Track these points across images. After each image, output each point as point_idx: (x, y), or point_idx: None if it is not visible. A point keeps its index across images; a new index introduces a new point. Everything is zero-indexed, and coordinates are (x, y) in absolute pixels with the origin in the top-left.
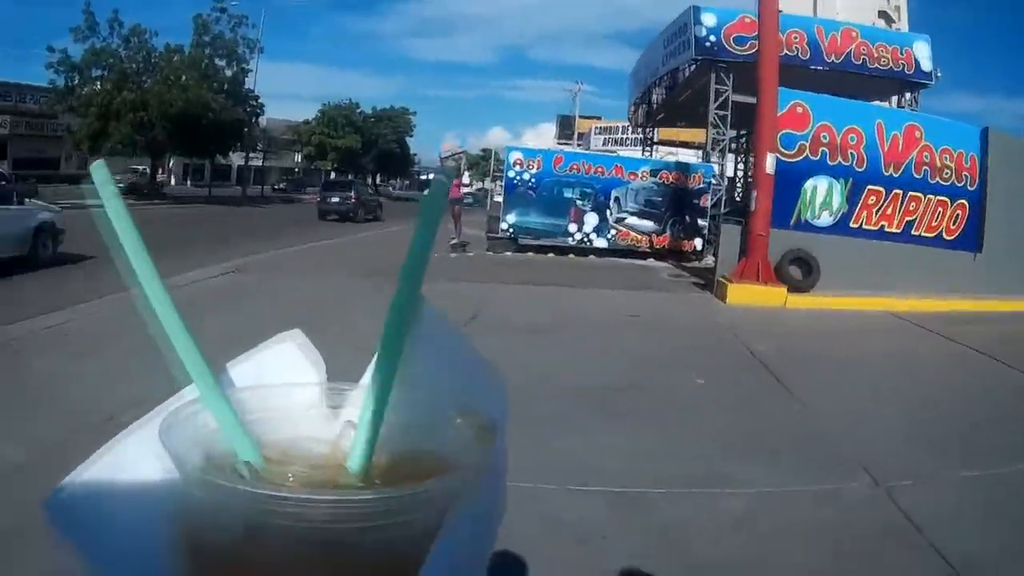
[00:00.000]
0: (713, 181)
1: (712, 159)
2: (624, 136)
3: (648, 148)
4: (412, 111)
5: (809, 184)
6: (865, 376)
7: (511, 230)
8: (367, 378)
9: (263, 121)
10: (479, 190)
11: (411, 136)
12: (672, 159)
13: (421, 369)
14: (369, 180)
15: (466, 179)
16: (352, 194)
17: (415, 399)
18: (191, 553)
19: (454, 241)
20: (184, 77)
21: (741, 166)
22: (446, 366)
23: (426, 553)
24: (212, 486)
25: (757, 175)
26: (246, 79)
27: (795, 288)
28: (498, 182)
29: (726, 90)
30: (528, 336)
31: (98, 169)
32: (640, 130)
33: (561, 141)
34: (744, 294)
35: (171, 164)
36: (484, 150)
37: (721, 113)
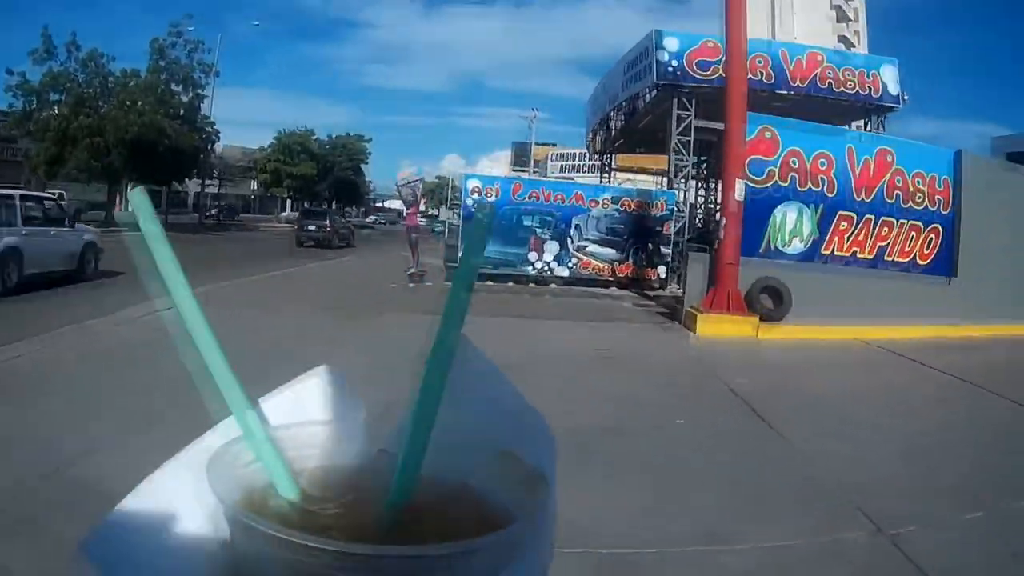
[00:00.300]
0: (676, 208)
1: (674, 186)
2: (581, 163)
3: (606, 175)
4: (367, 137)
5: (779, 211)
6: (851, 412)
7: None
8: (405, 415)
9: (219, 148)
10: (438, 220)
11: (366, 163)
12: (632, 186)
13: (462, 407)
14: (324, 207)
15: (422, 206)
16: (328, 223)
17: (456, 437)
18: None
19: (411, 271)
20: (140, 102)
21: (703, 192)
22: (490, 408)
23: None
24: (251, 529)
25: (726, 203)
26: (202, 105)
27: (766, 318)
28: (455, 210)
29: (688, 116)
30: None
31: (136, 195)
32: (598, 156)
33: (516, 168)
34: (714, 325)
35: (128, 191)
36: (439, 177)
37: (684, 139)
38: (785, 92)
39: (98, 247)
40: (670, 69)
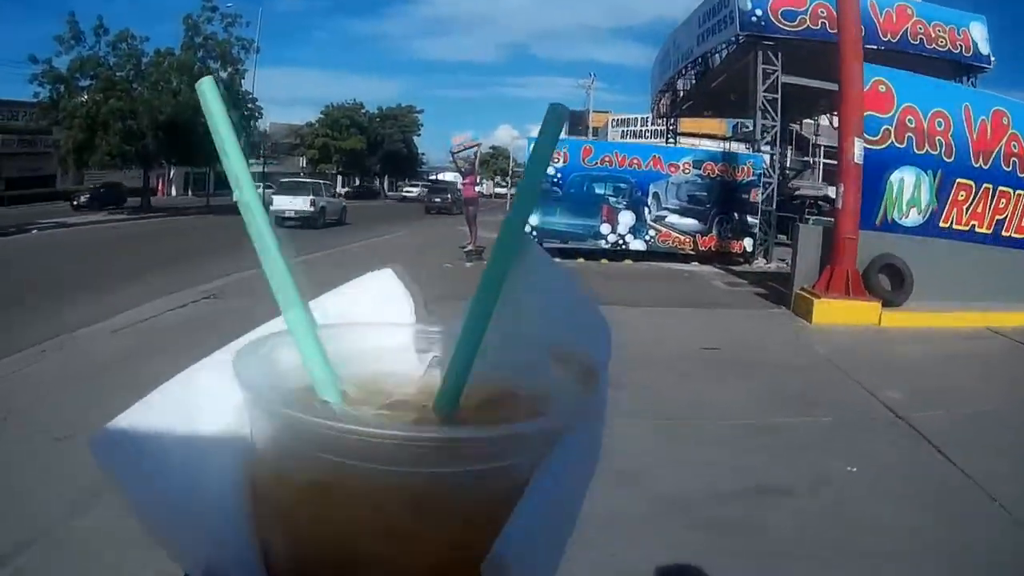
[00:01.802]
0: (764, 173)
1: (760, 148)
2: (643, 128)
3: (671, 140)
4: (419, 109)
5: (895, 176)
6: None
7: (534, 233)
8: (461, 320)
9: (264, 125)
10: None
11: (418, 135)
12: (715, 148)
13: (521, 306)
14: (376, 182)
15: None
16: (448, 195)
17: (511, 337)
18: (258, 495)
19: (469, 248)
20: (174, 81)
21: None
22: (547, 304)
23: (515, 501)
24: (287, 418)
25: (843, 165)
26: (242, 81)
27: (886, 302)
28: (513, 180)
29: (774, 71)
30: None
31: (205, 84)
32: (662, 121)
33: (572, 137)
34: (832, 311)
35: (171, 174)
36: (494, 147)
37: (770, 96)
38: (875, 46)
39: None
40: (753, 19)
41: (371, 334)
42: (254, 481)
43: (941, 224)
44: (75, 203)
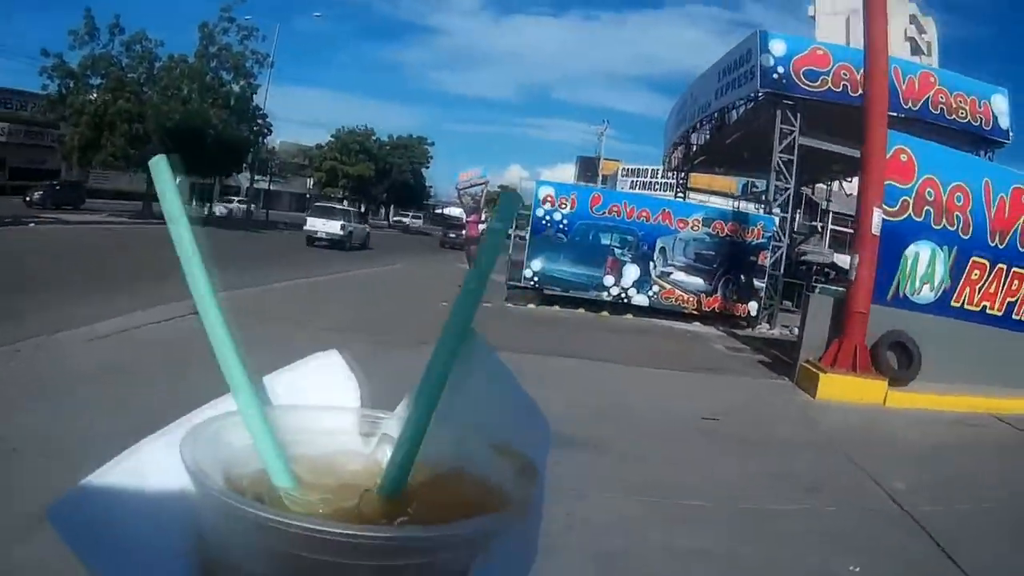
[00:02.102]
0: (774, 236)
1: (773, 211)
2: (653, 180)
3: (680, 194)
4: (430, 141)
5: (911, 250)
6: None
7: (536, 279)
8: (404, 407)
9: (273, 143)
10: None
11: (427, 167)
12: (725, 207)
13: (463, 397)
14: (382, 211)
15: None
16: (464, 232)
17: (453, 427)
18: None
19: None
20: (185, 89)
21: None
22: (490, 398)
23: None
24: (230, 509)
25: (860, 235)
26: (254, 96)
27: (892, 380)
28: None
29: (792, 131)
30: (558, 457)
31: (157, 163)
32: (673, 174)
33: (581, 184)
34: (837, 387)
35: (177, 182)
36: (502, 187)
37: (786, 157)
38: (895, 113)
39: None
40: (775, 76)
41: (321, 417)
42: (200, 556)
43: (953, 303)
44: (28, 199)
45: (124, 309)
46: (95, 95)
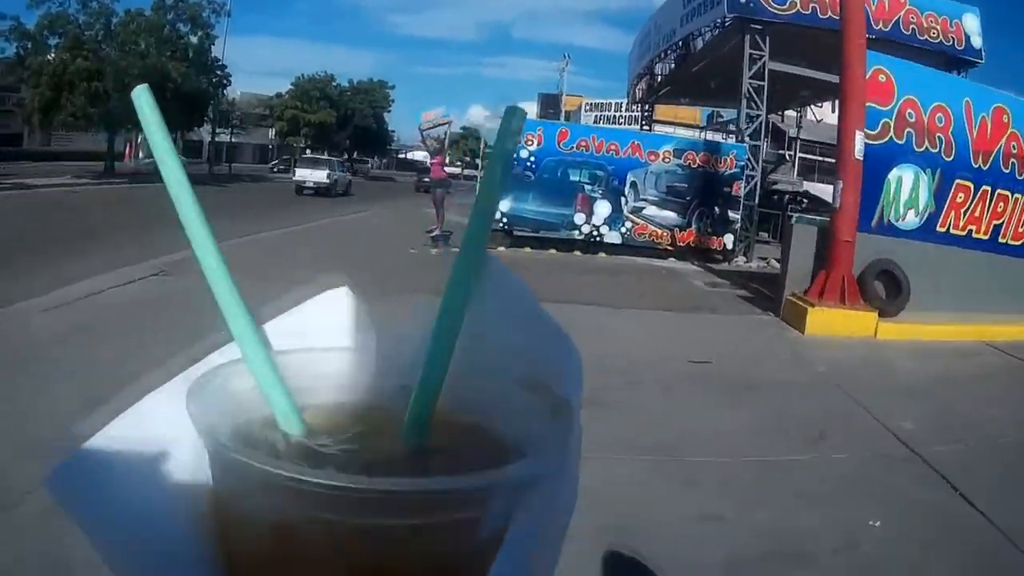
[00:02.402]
0: (748, 165)
1: (744, 139)
2: (618, 114)
3: (646, 127)
4: (391, 84)
5: (894, 175)
6: None
7: (504, 220)
8: (423, 339)
9: (233, 94)
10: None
11: (389, 111)
12: (692, 138)
13: (486, 332)
14: (344, 157)
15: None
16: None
17: (477, 365)
18: (219, 529)
19: (435, 233)
20: (143, 43)
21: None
22: (514, 331)
23: (488, 552)
24: (242, 465)
25: (842, 161)
26: (212, 47)
27: (881, 311)
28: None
29: (762, 56)
30: None
31: (140, 94)
32: (637, 107)
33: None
34: (826, 321)
35: (140, 139)
36: (465, 128)
37: (756, 84)
38: (867, 35)
39: None
40: (742, 0)
41: (330, 359)
42: (215, 516)
43: (938, 228)
44: None
45: (85, 273)
46: (53, 55)
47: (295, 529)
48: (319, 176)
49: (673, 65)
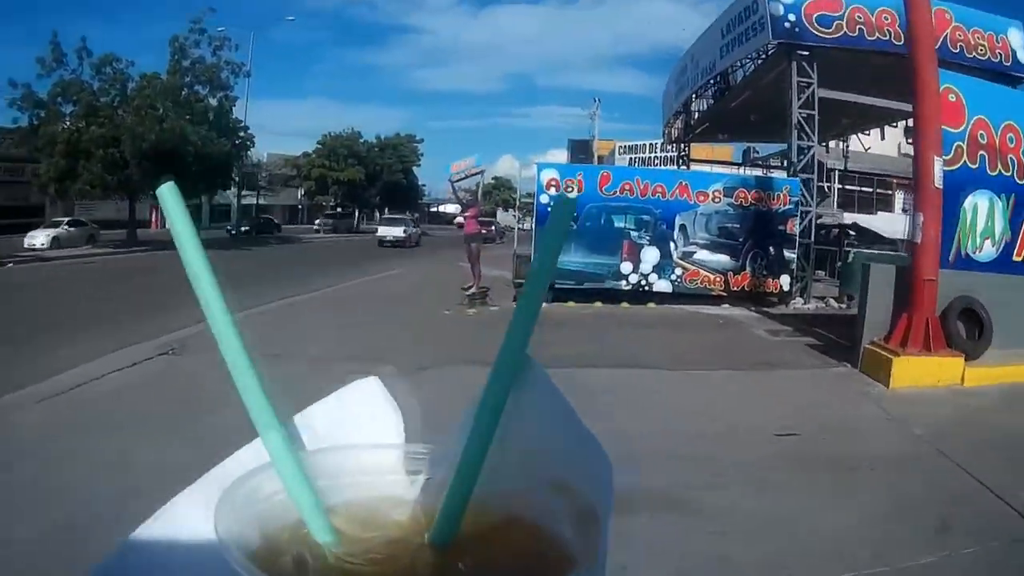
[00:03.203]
0: (801, 201)
1: (797, 173)
2: (652, 155)
3: (683, 166)
4: (419, 138)
5: (969, 202)
6: None
7: None
8: (453, 439)
9: (260, 155)
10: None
11: (418, 166)
12: (746, 173)
13: (519, 433)
14: (376, 214)
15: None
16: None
17: (508, 465)
18: None
19: (471, 291)
20: (160, 107)
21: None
22: (547, 435)
23: None
24: None
25: (922, 191)
26: (233, 108)
27: (966, 355)
28: (522, 212)
29: (810, 84)
30: (625, 525)
31: (166, 191)
32: (673, 146)
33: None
34: (912, 371)
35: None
36: (496, 178)
37: (805, 113)
38: None
39: None
40: (787, 24)
41: (361, 457)
42: None
43: (1015, 257)
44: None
45: (93, 353)
46: (68, 123)
47: None
48: (397, 232)
49: (711, 100)
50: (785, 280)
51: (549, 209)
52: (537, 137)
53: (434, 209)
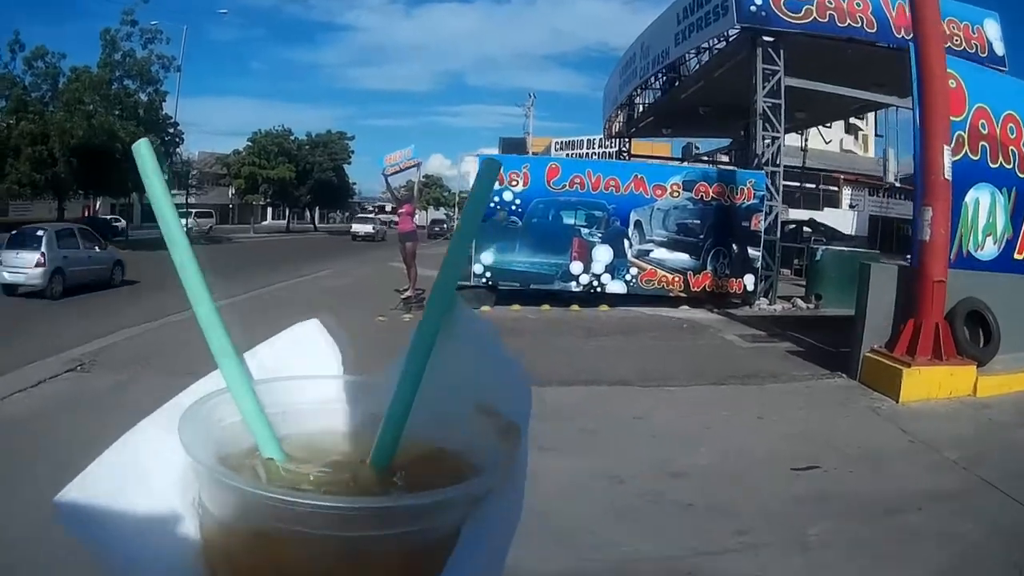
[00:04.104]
0: (768, 195)
1: (762, 165)
2: (590, 151)
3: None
4: (350, 135)
5: (970, 197)
6: None
7: (488, 275)
8: (389, 371)
9: (190, 153)
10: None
11: (349, 163)
12: (705, 167)
13: (448, 364)
14: (307, 214)
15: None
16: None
17: (439, 394)
18: (205, 553)
19: (406, 294)
20: (89, 102)
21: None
22: (472, 363)
23: (441, 560)
24: (227, 487)
25: (929, 184)
26: (163, 104)
27: (974, 361)
28: (458, 210)
29: (776, 72)
30: None
31: (140, 146)
32: (614, 142)
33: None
34: (923, 383)
35: (98, 205)
36: (427, 176)
37: (770, 102)
38: (886, 44)
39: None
40: (752, 9)
41: (306, 388)
42: (203, 530)
43: (1016, 255)
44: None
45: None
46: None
47: (276, 543)
48: (369, 229)
49: (659, 93)
50: (749, 280)
51: (491, 205)
52: (468, 136)
53: (368, 207)
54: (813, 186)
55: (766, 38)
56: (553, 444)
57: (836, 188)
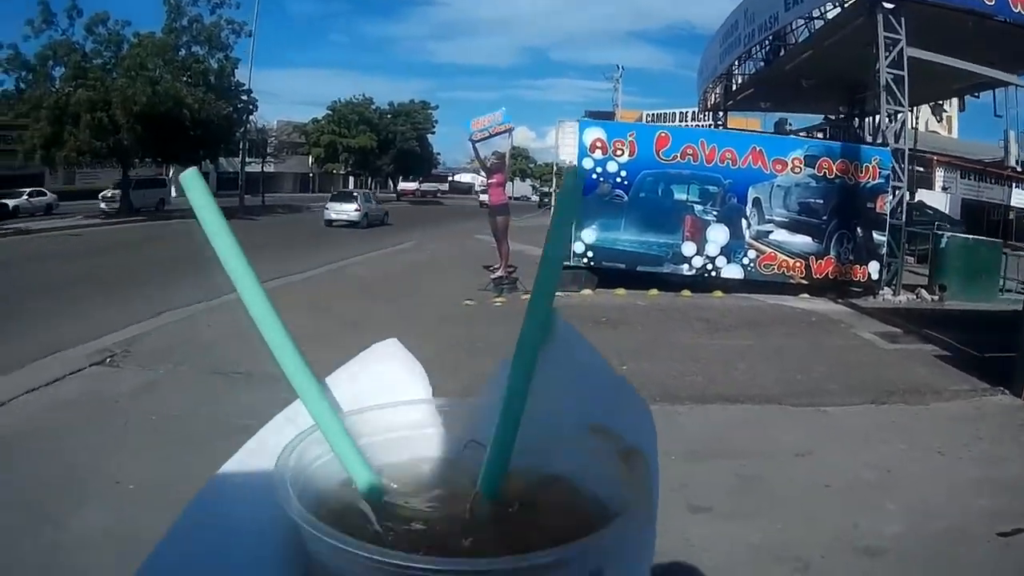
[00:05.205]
0: (893, 175)
1: (887, 141)
2: (684, 124)
3: None
4: (433, 105)
5: None
6: None
7: (589, 255)
8: (485, 394)
9: (267, 121)
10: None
11: (432, 133)
12: (827, 141)
13: (552, 383)
14: (389, 183)
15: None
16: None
17: (544, 416)
18: None
19: (497, 273)
20: (153, 68)
21: None
22: (577, 382)
23: None
24: (336, 548)
25: None
26: (235, 71)
27: None
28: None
29: (898, 41)
30: None
31: (188, 177)
32: (709, 115)
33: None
34: None
35: (171, 173)
36: (515, 147)
37: (893, 73)
38: (1003, 19)
39: None
40: None
41: (397, 415)
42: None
43: None
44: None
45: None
46: (57, 86)
47: None
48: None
49: (762, 63)
50: (874, 267)
51: (593, 176)
52: (552, 109)
53: (450, 178)
54: (921, 169)
55: (886, 4)
56: (706, 499)
57: (928, 170)
